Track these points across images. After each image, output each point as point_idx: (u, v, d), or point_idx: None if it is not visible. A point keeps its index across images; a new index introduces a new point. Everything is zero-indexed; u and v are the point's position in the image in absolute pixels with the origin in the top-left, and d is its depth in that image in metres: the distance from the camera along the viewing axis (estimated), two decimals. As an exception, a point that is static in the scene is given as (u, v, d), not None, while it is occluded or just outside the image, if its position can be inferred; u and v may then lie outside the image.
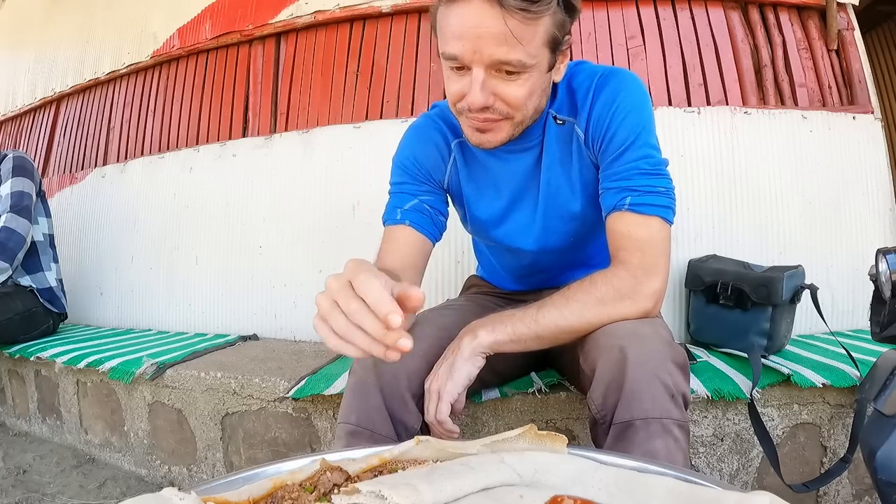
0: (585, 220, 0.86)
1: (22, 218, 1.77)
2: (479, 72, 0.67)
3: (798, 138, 1.58)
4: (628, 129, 0.74)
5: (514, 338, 0.71)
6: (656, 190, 0.72)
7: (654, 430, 0.58)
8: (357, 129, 1.77)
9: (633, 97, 0.75)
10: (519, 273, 1.01)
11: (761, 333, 1.17)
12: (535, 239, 0.89)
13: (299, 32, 1.98)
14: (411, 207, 0.86)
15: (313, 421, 1.18)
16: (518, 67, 0.67)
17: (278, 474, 0.37)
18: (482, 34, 0.64)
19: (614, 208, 0.73)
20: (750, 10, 1.72)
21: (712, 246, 1.51)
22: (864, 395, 0.76)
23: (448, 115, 0.86)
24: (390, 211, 0.87)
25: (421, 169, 0.88)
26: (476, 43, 0.65)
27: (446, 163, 0.89)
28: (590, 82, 0.78)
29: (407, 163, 0.89)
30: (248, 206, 1.89)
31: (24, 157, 1.86)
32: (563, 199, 0.84)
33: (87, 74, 2.45)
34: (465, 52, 0.66)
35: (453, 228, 1.67)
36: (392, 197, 0.89)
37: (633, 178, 0.73)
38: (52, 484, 1.34)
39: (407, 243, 0.84)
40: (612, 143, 0.75)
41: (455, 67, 0.69)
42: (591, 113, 0.77)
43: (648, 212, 0.71)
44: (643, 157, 0.73)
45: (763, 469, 1.04)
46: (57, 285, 1.91)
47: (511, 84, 0.69)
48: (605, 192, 0.76)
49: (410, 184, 0.88)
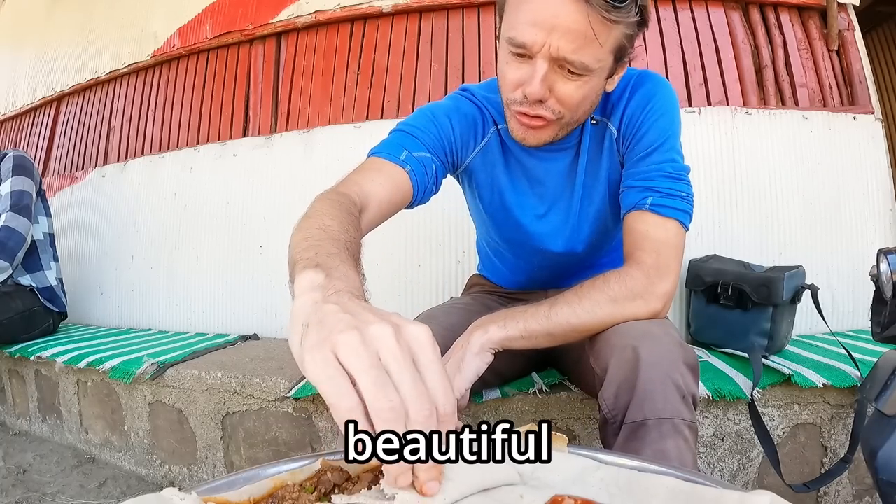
0: (608, 221, 0.86)
1: (22, 217, 1.77)
2: (542, 63, 0.65)
3: (798, 138, 1.58)
4: (658, 131, 0.75)
5: (525, 334, 0.69)
6: (678, 194, 0.73)
7: (666, 431, 0.58)
8: (358, 128, 1.77)
9: (666, 101, 0.76)
10: (529, 274, 1.00)
11: (762, 333, 1.17)
12: (565, 241, 0.88)
13: (300, 32, 1.98)
14: (420, 158, 0.76)
15: (314, 421, 1.18)
16: (581, 70, 0.65)
17: (279, 474, 0.37)
18: (558, 26, 0.62)
19: (635, 206, 0.74)
20: (750, 10, 1.72)
21: (713, 246, 1.51)
22: (864, 396, 0.76)
23: (496, 100, 0.81)
24: (393, 147, 0.76)
25: (451, 135, 0.81)
26: (550, 34, 0.62)
27: (477, 144, 0.84)
28: (625, 82, 0.78)
29: (440, 119, 0.80)
30: (248, 205, 1.89)
31: (23, 155, 1.86)
32: (594, 201, 0.84)
33: (87, 74, 2.45)
34: (535, 41, 0.63)
35: (453, 227, 1.68)
36: (399, 135, 0.79)
37: (656, 180, 0.73)
38: (53, 483, 1.34)
39: (395, 187, 0.73)
40: (641, 142, 0.75)
41: (517, 54, 0.66)
42: (625, 111, 0.77)
43: (668, 214, 0.72)
44: (669, 160, 0.74)
45: (763, 469, 1.04)
46: (57, 284, 1.91)
47: (569, 84, 0.67)
48: (628, 189, 0.76)
49: (432, 137, 0.79)
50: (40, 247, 1.89)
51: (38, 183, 1.89)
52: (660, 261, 0.71)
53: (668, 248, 0.72)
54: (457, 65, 1.80)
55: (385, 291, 1.68)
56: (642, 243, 0.72)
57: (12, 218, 1.75)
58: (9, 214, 1.75)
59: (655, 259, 0.71)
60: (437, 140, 0.79)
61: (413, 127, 0.79)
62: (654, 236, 0.72)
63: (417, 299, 1.66)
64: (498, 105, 0.81)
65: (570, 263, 0.94)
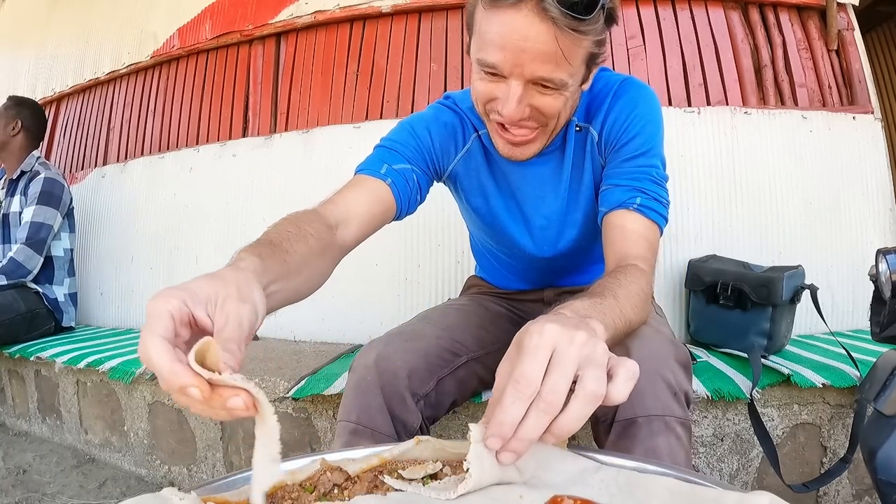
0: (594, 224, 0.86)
1: (35, 252, 1.80)
2: (517, 85, 0.65)
3: (798, 138, 1.58)
4: (645, 137, 0.75)
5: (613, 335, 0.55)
6: (660, 200, 0.74)
7: (657, 428, 0.57)
8: (357, 129, 1.78)
9: (652, 110, 0.77)
10: (524, 274, 1.00)
11: (761, 333, 1.17)
12: (551, 245, 0.88)
13: (299, 32, 1.98)
14: (401, 170, 0.78)
15: (313, 421, 1.18)
16: (557, 85, 0.65)
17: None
18: (528, 49, 0.61)
19: (621, 205, 0.74)
20: (750, 10, 1.72)
21: (712, 246, 1.51)
22: (864, 396, 0.76)
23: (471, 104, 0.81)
24: (374, 162, 0.78)
25: (431, 145, 0.82)
26: (520, 56, 0.62)
27: (458, 152, 0.85)
28: (608, 88, 0.78)
29: (419, 131, 0.82)
30: (247, 205, 1.89)
31: (54, 180, 1.87)
32: (580, 205, 0.85)
33: (87, 74, 2.45)
34: (504, 64, 0.63)
35: (453, 228, 1.68)
36: (381, 150, 0.81)
37: (643, 182, 0.74)
38: (52, 484, 1.34)
39: (377, 201, 0.75)
40: (628, 146, 0.76)
41: (489, 73, 0.66)
42: (607, 116, 0.77)
43: (652, 217, 0.73)
44: (654, 166, 0.75)
45: (763, 469, 1.04)
46: (65, 300, 1.92)
47: (547, 97, 0.67)
48: (613, 188, 0.76)
49: (412, 150, 0.81)
50: (56, 263, 1.91)
51: (67, 205, 1.92)
52: (653, 260, 0.72)
53: (655, 250, 0.73)
54: (456, 65, 1.80)
55: (384, 291, 1.68)
56: (639, 242, 0.72)
57: (22, 251, 1.79)
58: (22, 247, 1.79)
59: (652, 257, 0.72)
60: (416, 151, 0.81)
61: (393, 141, 0.81)
62: (647, 237, 0.72)
63: (416, 299, 1.66)
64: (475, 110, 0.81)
65: (561, 265, 0.94)
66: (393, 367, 0.69)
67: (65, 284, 1.94)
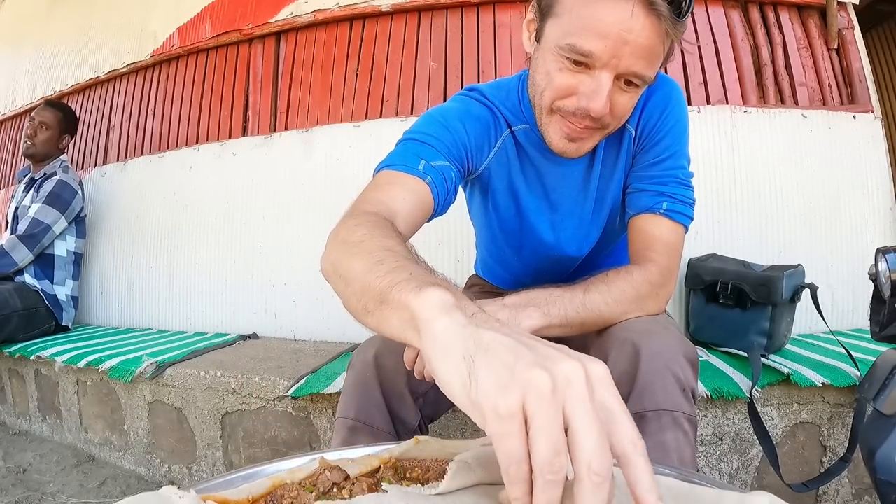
0: (616, 223, 0.86)
1: (24, 246, 1.81)
2: (608, 78, 0.62)
3: (798, 137, 1.58)
4: (674, 137, 0.76)
5: (564, 322, 0.63)
6: (687, 201, 0.76)
7: (666, 423, 0.58)
8: (357, 128, 1.77)
9: (681, 108, 0.77)
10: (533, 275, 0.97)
11: (761, 332, 1.17)
12: (577, 245, 0.87)
13: (299, 31, 1.98)
14: (439, 168, 0.69)
15: (313, 420, 1.18)
16: (642, 83, 0.64)
17: (278, 473, 0.37)
18: (630, 41, 0.59)
19: (648, 209, 0.75)
20: (750, 9, 1.72)
21: (712, 245, 1.51)
22: (863, 395, 0.76)
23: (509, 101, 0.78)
24: (408, 156, 0.69)
25: (466, 140, 0.75)
26: (621, 49, 0.59)
27: (491, 149, 0.79)
28: None
29: (453, 124, 0.74)
30: (247, 205, 1.89)
31: (66, 183, 1.89)
32: (606, 205, 0.84)
33: (87, 73, 2.45)
34: (603, 54, 0.60)
35: (453, 226, 1.68)
36: (412, 144, 0.71)
37: (670, 185, 0.75)
38: (52, 483, 1.34)
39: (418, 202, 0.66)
40: (656, 147, 0.76)
41: (575, 62, 0.62)
42: (642, 113, 0.77)
43: (678, 219, 0.75)
44: (681, 167, 0.76)
45: (762, 468, 1.04)
46: (66, 300, 1.92)
47: (624, 95, 0.65)
48: (640, 192, 0.77)
49: (447, 144, 0.72)
50: (58, 262, 1.91)
51: (76, 211, 1.93)
52: (671, 263, 0.73)
53: (676, 252, 0.75)
54: (456, 64, 1.80)
55: (385, 291, 1.68)
56: (655, 244, 0.74)
57: (11, 241, 1.80)
58: (12, 238, 1.80)
59: (668, 261, 0.73)
60: (453, 147, 0.73)
61: (425, 134, 0.72)
62: (667, 240, 0.74)
63: (417, 298, 1.66)
64: (512, 107, 0.79)
65: (576, 265, 0.93)
66: (392, 364, 0.69)
67: (66, 285, 1.94)
